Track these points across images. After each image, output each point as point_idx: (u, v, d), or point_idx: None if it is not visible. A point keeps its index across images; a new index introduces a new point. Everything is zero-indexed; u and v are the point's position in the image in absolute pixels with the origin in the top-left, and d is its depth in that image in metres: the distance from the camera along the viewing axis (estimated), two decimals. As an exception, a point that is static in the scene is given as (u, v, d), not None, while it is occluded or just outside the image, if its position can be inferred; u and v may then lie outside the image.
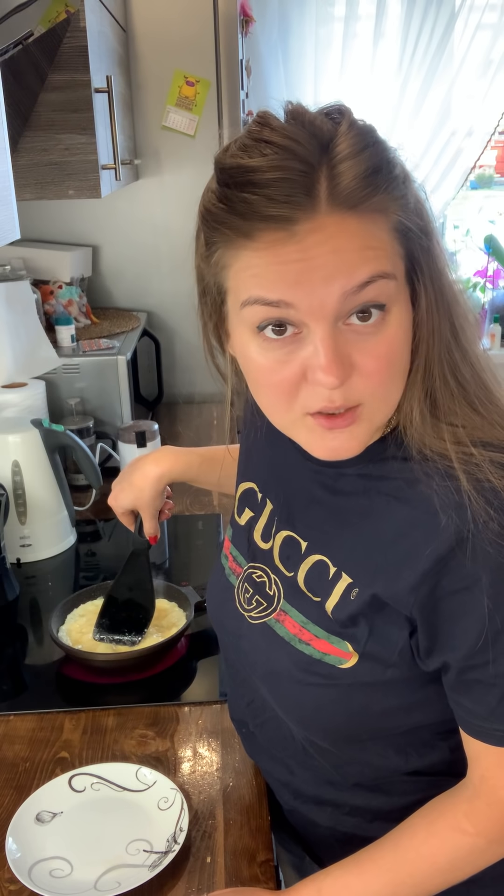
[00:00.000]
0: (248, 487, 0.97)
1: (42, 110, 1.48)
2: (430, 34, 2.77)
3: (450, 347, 0.72)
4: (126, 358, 1.91)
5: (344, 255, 0.64)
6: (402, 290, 0.69)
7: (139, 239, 2.37)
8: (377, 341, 0.67)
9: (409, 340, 0.71)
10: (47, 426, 1.55)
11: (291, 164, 0.62)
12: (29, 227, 2.31)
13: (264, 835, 0.92)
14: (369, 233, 0.65)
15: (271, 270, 0.65)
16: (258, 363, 0.70)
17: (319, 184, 0.63)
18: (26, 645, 1.33)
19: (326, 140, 0.64)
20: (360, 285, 0.64)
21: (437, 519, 0.70)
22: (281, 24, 2.72)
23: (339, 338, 0.66)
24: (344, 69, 2.82)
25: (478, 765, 0.77)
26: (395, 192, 0.66)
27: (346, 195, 0.63)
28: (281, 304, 0.65)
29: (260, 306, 0.67)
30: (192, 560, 1.58)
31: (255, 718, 0.95)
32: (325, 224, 0.63)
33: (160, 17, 2.17)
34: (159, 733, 1.08)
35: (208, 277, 0.73)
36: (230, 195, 0.64)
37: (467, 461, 0.70)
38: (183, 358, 2.48)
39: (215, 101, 2.24)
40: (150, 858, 0.87)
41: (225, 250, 0.68)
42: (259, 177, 0.62)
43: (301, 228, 0.63)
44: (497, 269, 3.23)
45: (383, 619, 0.76)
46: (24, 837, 0.90)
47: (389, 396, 0.71)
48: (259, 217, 0.63)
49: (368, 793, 0.88)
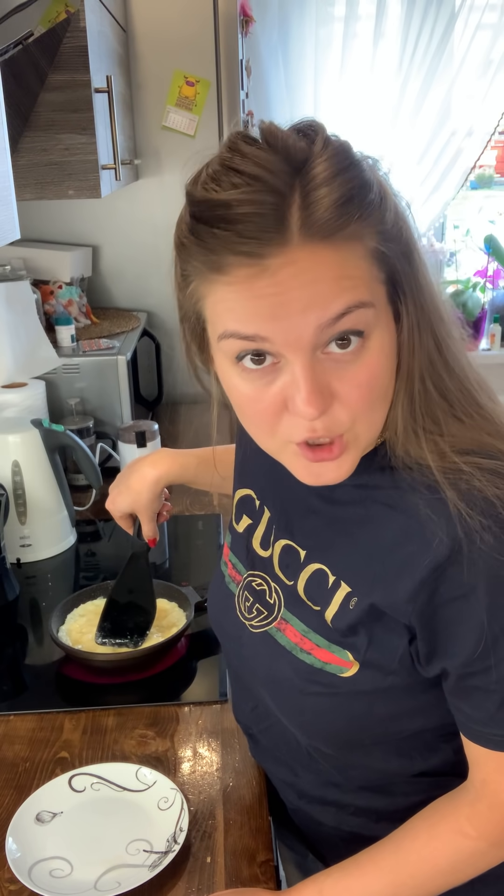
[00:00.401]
0: (245, 494, 0.96)
1: (42, 110, 1.48)
2: (430, 34, 2.77)
3: (433, 362, 0.71)
4: (126, 358, 1.91)
5: (318, 286, 0.62)
6: (382, 314, 0.67)
7: (139, 239, 2.37)
8: (357, 369, 0.66)
9: (393, 363, 0.70)
10: (47, 426, 1.55)
11: (261, 198, 0.60)
12: (29, 227, 2.31)
13: (264, 835, 0.92)
14: (345, 262, 0.63)
15: (245, 305, 0.64)
16: (240, 391, 0.70)
17: (291, 215, 0.61)
18: (26, 645, 1.33)
19: (300, 163, 0.62)
20: (335, 317, 0.63)
21: (432, 528, 0.70)
22: (281, 24, 2.72)
23: (317, 367, 0.65)
24: (344, 69, 2.82)
25: (479, 769, 0.77)
26: (371, 219, 0.64)
27: (319, 226, 0.61)
28: (256, 338, 0.65)
29: (236, 340, 0.66)
30: (192, 560, 1.58)
31: (259, 724, 0.95)
32: (298, 257, 0.62)
33: (160, 17, 2.17)
34: (159, 733, 1.08)
35: (187, 306, 0.72)
36: (201, 230, 0.63)
37: (454, 472, 0.70)
38: (183, 358, 2.47)
39: (215, 101, 2.24)
40: (150, 858, 0.87)
41: (199, 283, 0.67)
42: (229, 212, 0.61)
43: (273, 262, 0.61)
44: (497, 269, 3.23)
45: (383, 628, 0.76)
46: (24, 837, 0.90)
47: (373, 420, 0.70)
48: (229, 252, 0.62)
49: (373, 794, 0.88)
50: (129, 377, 1.93)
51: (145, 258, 2.39)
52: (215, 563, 1.46)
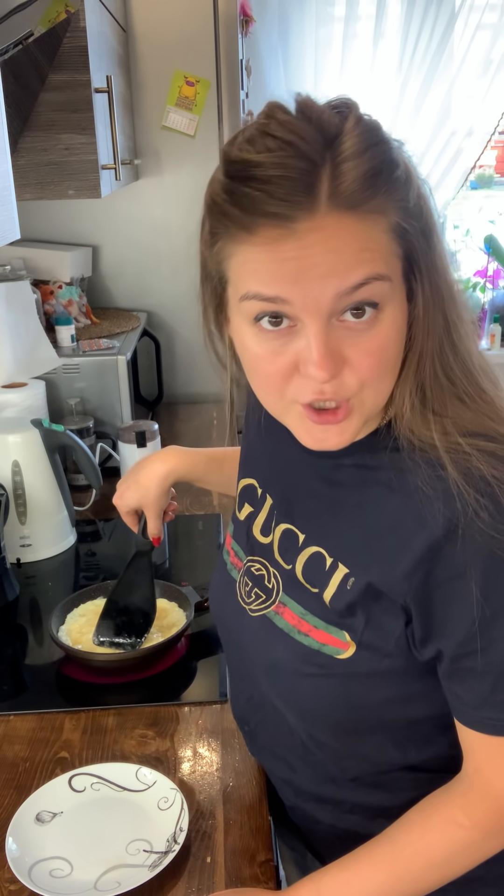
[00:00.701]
0: (248, 483, 0.97)
1: (42, 110, 1.48)
2: (430, 34, 2.77)
3: (442, 344, 0.74)
4: (126, 358, 1.91)
5: (341, 255, 0.65)
6: (397, 289, 0.70)
7: (139, 239, 2.37)
8: (369, 338, 0.68)
9: (403, 337, 0.72)
10: (47, 426, 1.55)
11: (294, 162, 0.63)
12: (29, 227, 2.31)
13: (264, 835, 0.92)
14: (367, 234, 0.66)
15: (269, 266, 0.66)
16: (254, 352, 0.72)
17: (321, 183, 0.63)
18: (26, 645, 1.33)
19: (332, 136, 0.64)
20: (354, 286, 0.66)
21: (429, 508, 0.71)
22: (281, 24, 2.72)
23: (331, 333, 0.68)
24: (344, 69, 2.82)
25: (472, 756, 0.77)
26: (396, 194, 0.67)
27: (346, 196, 0.64)
28: (277, 300, 0.67)
29: (257, 301, 0.68)
30: (192, 560, 1.58)
31: (254, 714, 0.95)
32: (324, 223, 0.64)
33: (160, 17, 2.17)
34: (159, 733, 1.08)
35: (210, 265, 0.74)
36: (234, 188, 0.65)
37: (456, 451, 0.71)
38: (183, 358, 2.48)
39: (215, 101, 2.24)
40: (150, 858, 0.87)
41: (226, 242, 0.69)
42: (262, 172, 0.63)
43: (300, 226, 0.64)
44: (497, 269, 3.23)
45: (380, 609, 0.76)
46: (24, 837, 0.90)
47: (380, 390, 0.72)
48: (260, 212, 0.64)
49: (369, 790, 0.88)
50: (129, 377, 1.93)
51: (145, 258, 2.39)
52: (215, 562, 1.46)
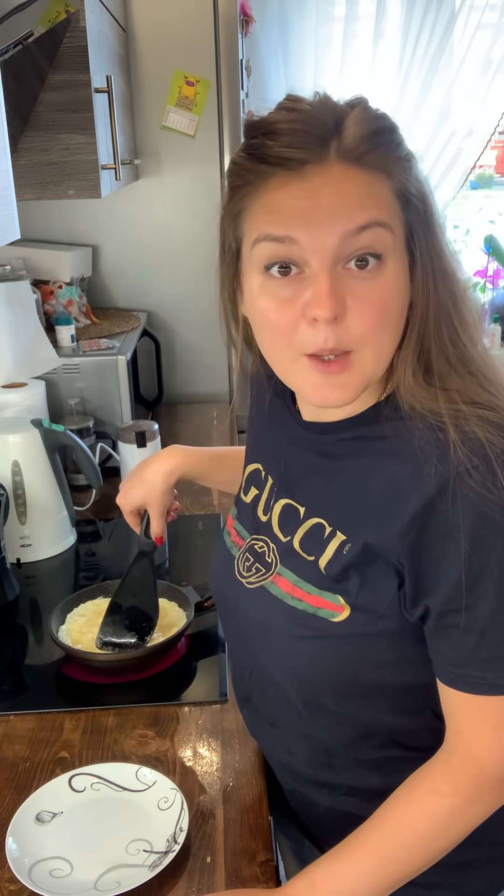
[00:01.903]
0: (254, 468, 1.00)
1: (42, 110, 1.48)
2: (430, 34, 2.76)
3: (450, 314, 0.77)
4: (126, 358, 1.91)
5: (346, 198, 0.71)
6: (398, 247, 0.74)
7: (139, 239, 2.37)
8: (372, 288, 0.73)
9: (404, 298, 0.76)
10: (47, 426, 1.55)
11: (308, 120, 0.71)
12: (29, 227, 2.31)
13: (264, 835, 0.92)
14: (371, 185, 0.72)
15: (281, 207, 0.72)
16: (263, 305, 0.76)
17: (331, 141, 0.71)
18: (26, 645, 1.33)
19: (342, 115, 0.72)
20: (358, 228, 0.71)
21: (424, 468, 0.73)
22: (281, 24, 2.72)
23: (336, 278, 0.72)
24: (344, 69, 2.82)
25: (453, 719, 0.79)
26: (397, 153, 0.74)
27: (351, 147, 0.71)
28: (286, 239, 0.72)
29: (268, 243, 0.73)
30: (192, 560, 1.58)
31: (255, 688, 0.96)
32: (332, 170, 0.71)
33: (160, 17, 2.17)
34: (159, 733, 1.08)
35: (227, 224, 0.80)
36: (252, 143, 0.73)
37: (455, 415, 0.74)
38: (183, 358, 2.48)
39: (215, 101, 2.24)
40: (150, 858, 0.87)
41: (244, 195, 0.75)
42: (280, 127, 0.71)
43: (310, 171, 0.71)
44: (497, 269, 3.23)
45: (374, 571, 0.78)
46: (24, 837, 0.90)
47: (381, 346, 0.75)
48: (275, 160, 0.71)
49: (365, 772, 0.89)
50: (129, 377, 1.93)
51: (145, 258, 2.39)
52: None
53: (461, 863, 0.87)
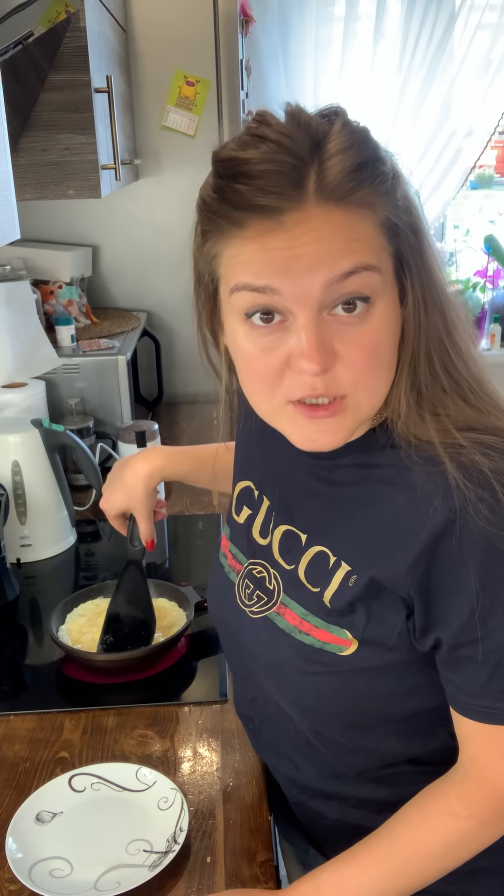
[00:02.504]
0: (245, 486, 0.97)
1: (42, 110, 1.48)
2: (430, 34, 2.76)
3: (442, 342, 0.74)
4: (126, 358, 1.91)
5: (328, 244, 0.66)
6: (388, 284, 0.70)
7: (139, 239, 2.37)
8: (361, 333, 0.69)
9: (395, 335, 0.72)
10: (47, 426, 1.55)
11: (283, 158, 0.64)
12: (29, 227, 2.31)
13: (264, 835, 0.92)
14: (355, 226, 0.67)
15: (259, 257, 0.67)
16: (245, 350, 0.72)
17: (308, 177, 0.65)
18: (26, 645, 1.33)
19: (319, 138, 0.66)
20: (343, 275, 0.66)
21: (430, 501, 0.71)
22: (281, 24, 2.72)
23: (322, 327, 0.68)
24: (344, 69, 2.82)
25: (468, 745, 0.78)
26: (382, 188, 0.68)
27: (332, 188, 0.65)
28: (267, 289, 0.68)
29: (248, 292, 0.69)
30: (192, 560, 1.58)
31: (259, 714, 0.95)
32: (312, 215, 0.65)
33: (160, 17, 2.17)
34: (159, 733, 1.08)
35: (202, 266, 0.75)
36: (223, 185, 0.67)
37: (454, 447, 0.72)
38: (183, 358, 2.48)
39: (215, 101, 2.24)
40: (150, 858, 0.87)
41: (217, 239, 0.70)
42: (251, 168, 0.65)
43: (289, 218, 0.65)
44: (497, 269, 3.23)
45: (381, 604, 0.76)
46: (24, 837, 0.90)
47: (375, 388, 0.72)
48: (249, 206, 0.66)
49: (374, 785, 0.88)
50: (129, 377, 1.93)
51: (145, 258, 2.39)
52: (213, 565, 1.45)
53: (472, 870, 0.86)
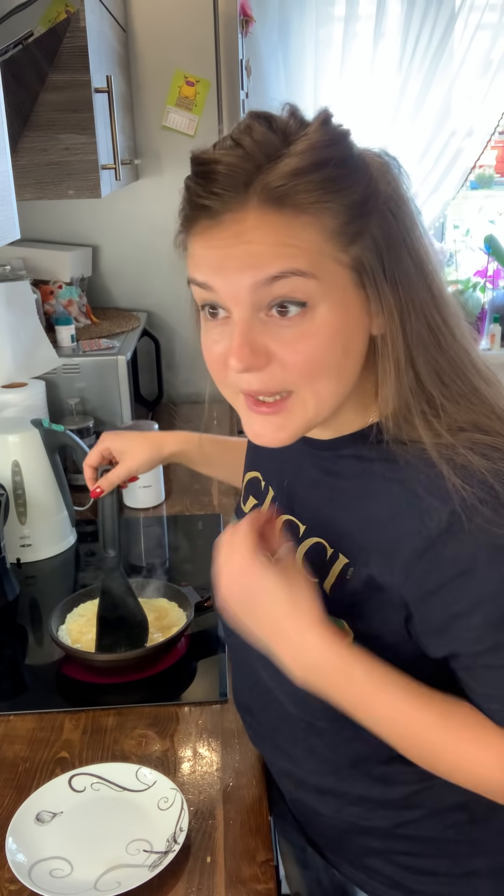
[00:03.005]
0: (252, 476, 0.99)
1: (42, 110, 1.48)
2: (430, 34, 2.76)
3: (427, 346, 0.74)
4: (126, 358, 1.91)
5: (258, 247, 0.67)
6: (334, 292, 0.70)
7: (139, 239, 2.37)
8: (296, 336, 0.70)
9: (345, 342, 0.72)
10: (47, 426, 1.55)
11: (238, 162, 0.67)
12: (29, 227, 2.31)
13: (264, 835, 0.92)
14: (289, 230, 0.68)
15: (202, 254, 0.71)
16: (203, 341, 0.77)
17: (256, 180, 0.67)
18: (26, 645, 1.33)
19: (289, 139, 0.68)
20: (269, 278, 0.68)
21: (428, 501, 0.71)
22: (281, 24, 2.72)
23: (255, 326, 0.70)
24: (344, 69, 2.81)
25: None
26: (330, 196, 0.68)
27: (270, 190, 0.67)
28: (206, 286, 0.71)
29: (196, 287, 0.73)
30: (192, 560, 1.58)
31: (257, 703, 0.95)
32: (247, 217, 0.67)
33: (160, 17, 2.17)
34: (159, 733, 1.08)
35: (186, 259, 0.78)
36: (188, 183, 0.71)
37: (448, 449, 0.72)
38: (183, 358, 2.48)
39: (215, 101, 2.24)
40: (150, 858, 0.87)
41: (185, 235, 0.74)
42: (207, 168, 0.68)
43: (228, 219, 0.68)
44: (497, 269, 3.23)
45: (378, 600, 0.76)
46: (24, 837, 0.90)
47: (318, 392, 0.73)
48: (196, 205, 0.69)
49: (370, 782, 0.88)
50: (129, 377, 1.93)
51: (145, 258, 2.39)
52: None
53: (466, 872, 0.86)
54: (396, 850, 0.88)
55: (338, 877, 0.98)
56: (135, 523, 1.73)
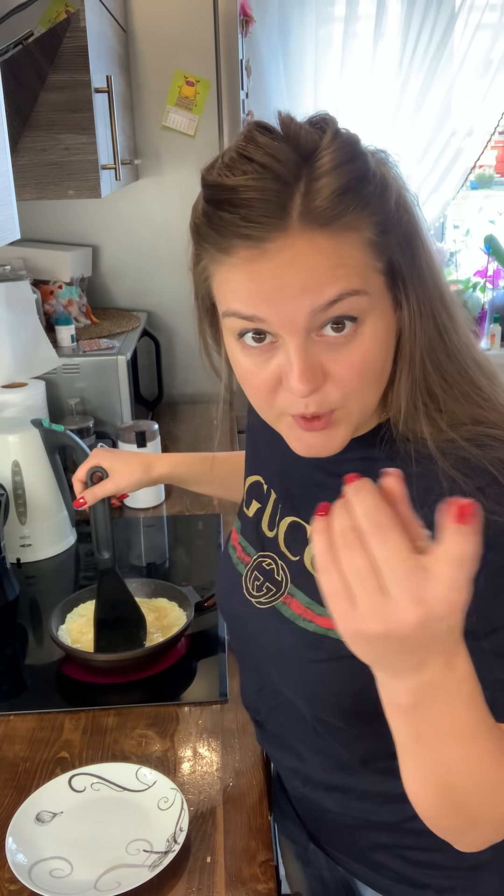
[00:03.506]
0: (254, 480, 0.99)
1: (42, 110, 1.48)
2: (430, 34, 2.76)
3: (434, 347, 0.75)
4: (126, 358, 1.91)
5: (314, 272, 0.66)
6: (377, 302, 0.70)
7: (139, 239, 2.37)
8: (349, 351, 0.70)
9: (387, 347, 0.73)
10: (47, 426, 1.55)
11: (267, 185, 0.65)
12: (29, 227, 2.31)
13: (264, 835, 0.92)
14: (340, 251, 0.67)
15: (246, 287, 0.68)
16: (241, 365, 0.74)
17: (293, 203, 0.65)
18: (26, 645, 1.33)
19: (308, 153, 0.66)
20: (328, 303, 0.67)
21: (431, 497, 0.71)
22: (281, 24, 2.72)
23: (311, 348, 0.69)
24: (344, 69, 2.82)
25: None
26: (368, 209, 0.68)
27: (317, 214, 0.65)
28: (255, 318, 0.69)
29: (237, 319, 0.70)
30: (192, 560, 1.58)
31: (265, 705, 0.95)
32: (296, 242, 0.65)
33: (160, 17, 2.17)
34: (159, 733, 1.08)
35: (198, 284, 0.76)
36: (210, 212, 0.68)
37: (451, 444, 0.73)
38: (183, 358, 2.48)
39: (215, 101, 2.24)
40: (150, 858, 0.87)
41: (208, 262, 0.72)
42: (236, 196, 0.65)
43: (273, 246, 0.66)
44: (497, 269, 3.23)
45: None
46: (24, 837, 0.90)
47: (365, 401, 0.74)
48: (234, 234, 0.66)
49: (378, 776, 0.88)
50: (129, 377, 1.93)
51: (145, 258, 2.39)
52: (215, 562, 1.46)
53: (473, 865, 0.86)
54: (404, 845, 0.88)
55: (341, 873, 0.99)
56: (135, 523, 1.73)
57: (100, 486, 1.17)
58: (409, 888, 0.88)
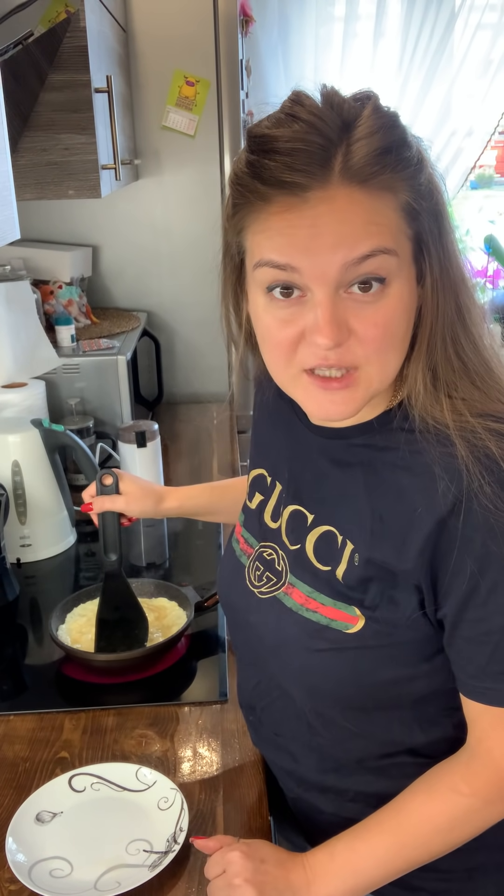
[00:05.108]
0: (258, 473, 0.99)
1: (42, 110, 1.48)
2: (430, 34, 2.77)
3: (454, 326, 0.76)
4: (126, 358, 1.91)
5: (349, 226, 0.68)
6: (404, 267, 0.72)
7: (139, 239, 2.37)
8: (375, 310, 0.71)
9: (410, 315, 0.75)
10: (47, 426, 1.55)
11: (312, 139, 0.67)
12: (29, 227, 2.31)
13: (264, 835, 0.92)
14: (376, 208, 0.69)
15: (283, 234, 0.70)
16: (265, 321, 0.76)
17: (335, 158, 0.68)
18: (26, 645, 1.33)
19: (350, 120, 0.68)
20: (361, 257, 0.69)
21: (437, 484, 0.73)
22: (281, 24, 2.72)
23: (338, 304, 0.71)
24: (344, 69, 2.82)
25: (475, 727, 0.79)
26: (405, 173, 0.70)
27: (356, 170, 0.68)
28: (288, 267, 0.71)
29: (270, 268, 0.72)
30: (192, 560, 1.58)
31: (261, 700, 0.96)
32: (336, 195, 0.68)
33: (160, 16, 2.17)
34: (159, 733, 1.08)
35: (231, 237, 0.78)
36: (254, 161, 0.69)
37: (465, 429, 0.74)
38: (183, 358, 2.48)
39: (215, 101, 2.23)
40: (150, 858, 0.87)
41: (246, 212, 0.73)
42: (281, 145, 0.68)
43: (313, 196, 0.68)
44: (497, 269, 3.23)
45: (391, 584, 0.78)
46: (24, 837, 0.90)
47: (386, 364, 0.75)
48: (276, 182, 0.68)
49: (371, 777, 0.89)
50: (129, 377, 1.93)
51: (145, 258, 2.39)
52: (215, 563, 1.46)
53: (468, 868, 0.86)
54: None
55: None
56: (135, 523, 1.72)
57: (110, 500, 1.18)
58: (402, 891, 0.88)
